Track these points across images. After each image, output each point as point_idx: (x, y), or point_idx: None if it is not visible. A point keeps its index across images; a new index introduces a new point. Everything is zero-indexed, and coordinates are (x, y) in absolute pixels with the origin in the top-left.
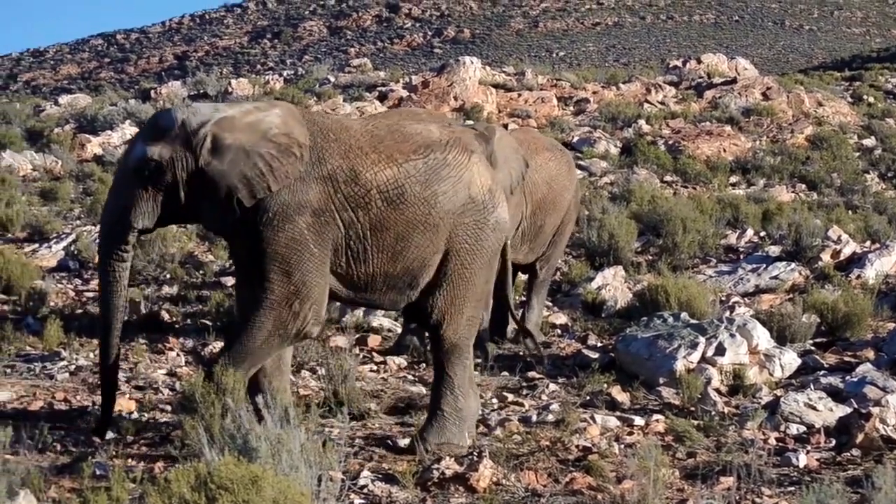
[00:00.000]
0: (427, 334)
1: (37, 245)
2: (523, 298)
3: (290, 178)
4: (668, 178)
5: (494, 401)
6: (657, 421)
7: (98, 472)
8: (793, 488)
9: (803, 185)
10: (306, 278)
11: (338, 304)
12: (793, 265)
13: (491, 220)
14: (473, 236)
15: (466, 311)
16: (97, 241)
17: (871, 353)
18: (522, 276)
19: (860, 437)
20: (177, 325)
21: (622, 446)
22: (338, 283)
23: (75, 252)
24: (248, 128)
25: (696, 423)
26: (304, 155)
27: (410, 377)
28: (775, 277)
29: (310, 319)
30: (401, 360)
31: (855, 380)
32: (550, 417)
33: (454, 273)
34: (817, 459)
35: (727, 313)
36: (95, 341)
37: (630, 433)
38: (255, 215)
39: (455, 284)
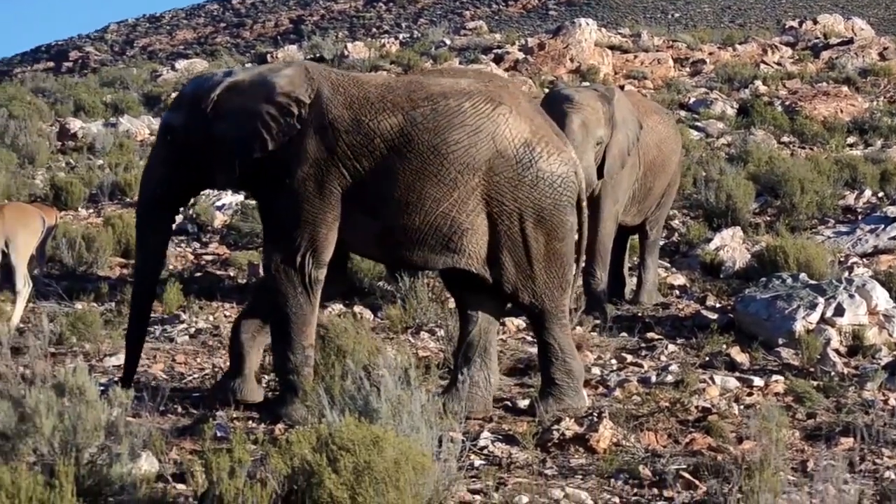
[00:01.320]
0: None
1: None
2: (637, 260)
3: (288, 136)
4: (785, 138)
5: (613, 362)
6: (776, 382)
7: (219, 434)
8: None
9: None
10: (305, 231)
11: None
12: None
13: (528, 175)
14: (512, 196)
15: (539, 275)
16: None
17: None
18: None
19: None
20: None
21: (742, 407)
22: (359, 238)
23: (193, 216)
24: (251, 90)
25: (815, 383)
26: (304, 112)
27: (529, 338)
28: (894, 238)
29: (311, 265)
30: (519, 322)
31: None
32: (670, 378)
33: (506, 238)
34: None
35: (846, 274)
36: (215, 304)
37: (749, 394)
38: (258, 172)
39: (512, 250)
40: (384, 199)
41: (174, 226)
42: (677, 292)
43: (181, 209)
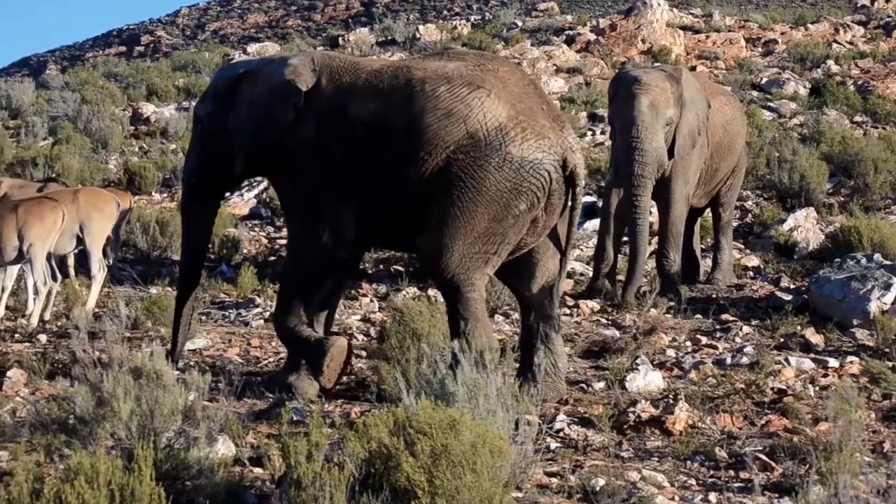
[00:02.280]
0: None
1: (228, 193)
2: (710, 241)
3: (286, 124)
4: (857, 118)
5: (688, 343)
6: (852, 363)
7: (295, 418)
8: None
9: None
10: (316, 211)
11: None
12: None
13: (495, 158)
14: (469, 174)
15: (458, 249)
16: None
17: None
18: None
19: None
20: (370, 272)
21: (817, 388)
22: (362, 223)
23: (267, 200)
24: (258, 81)
25: (891, 364)
26: (300, 102)
27: (604, 321)
28: None
29: (332, 244)
30: (594, 304)
31: None
32: (745, 360)
33: (445, 211)
34: None
35: None
36: None
37: (825, 375)
38: (270, 161)
39: (446, 223)
40: (369, 184)
41: (248, 210)
42: (751, 273)
43: (223, 197)
